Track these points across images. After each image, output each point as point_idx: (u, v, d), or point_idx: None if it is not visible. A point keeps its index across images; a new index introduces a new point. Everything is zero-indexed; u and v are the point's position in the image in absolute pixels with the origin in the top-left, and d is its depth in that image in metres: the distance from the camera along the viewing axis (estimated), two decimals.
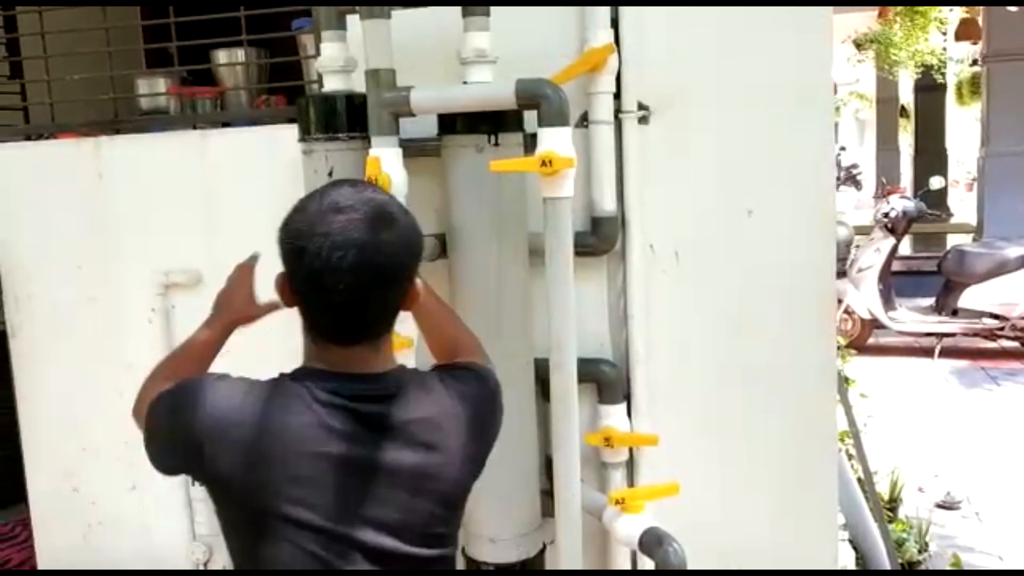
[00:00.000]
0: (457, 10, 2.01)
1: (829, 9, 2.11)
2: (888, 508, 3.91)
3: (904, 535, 3.65)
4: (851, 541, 3.09)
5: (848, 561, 2.89)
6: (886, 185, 9.55)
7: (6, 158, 2.88)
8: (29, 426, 2.92)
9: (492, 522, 2.12)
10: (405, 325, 1.58)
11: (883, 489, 3.98)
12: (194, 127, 2.71)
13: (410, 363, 1.71)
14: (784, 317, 2.18)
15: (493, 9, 2.01)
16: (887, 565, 3.07)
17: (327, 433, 1.31)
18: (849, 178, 15.54)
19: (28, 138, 2.93)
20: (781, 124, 2.14)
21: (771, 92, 2.13)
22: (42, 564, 3.01)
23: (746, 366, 2.21)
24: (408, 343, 1.92)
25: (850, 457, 3.70)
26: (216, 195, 2.58)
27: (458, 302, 2.10)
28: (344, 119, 2.06)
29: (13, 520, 3.65)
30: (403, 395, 1.38)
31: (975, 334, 6.75)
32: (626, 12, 2.14)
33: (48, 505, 2.93)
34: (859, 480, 3.46)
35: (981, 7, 9.72)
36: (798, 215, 2.15)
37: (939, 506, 4.30)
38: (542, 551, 2.17)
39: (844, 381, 3.83)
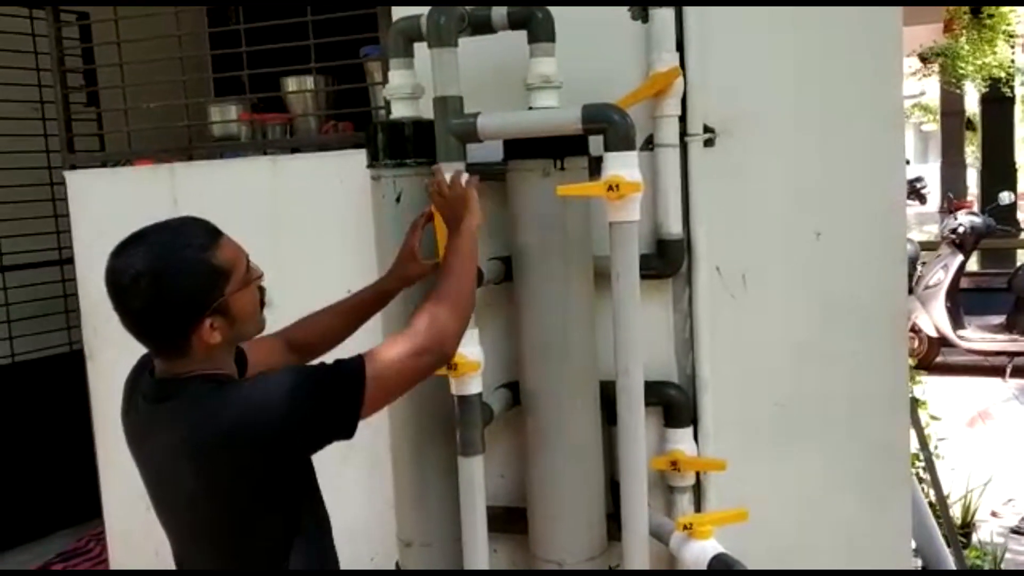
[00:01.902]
0: (523, 36, 2.04)
1: (899, 29, 2.09)
2: (961, 534, 3.80)
3: (978, 562, 3.55)
4: (923, 569, 3.00)
5: None
6: (953, 200, 9.33)
7: (84, 184, 2.98)
8: (104, 445, 3.00)
9: (558, 546, 2.11)
10: None
11: (956, 514, 3.87)
12: (264, 153, 2.77)
13: None
14: (855, 340, 2.15)
15: (558, 34, 2.02)
16: None
17: None
18: (913, 192, 15.25)
19: (104, 165, 3.02)
20: (850, 145, 2.12)
21: (840, 113, 2.11)
22: None
23: (815, 390, 2.18)
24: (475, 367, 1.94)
25: (920, 480, 3.62)
26: (285, 219, 2.64)
27: (523, 324, 2.12)
28: (412, 145, 2.09)
29: (88, 535, 3.76)
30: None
31: None
32: (691, 35, 2.13)
33: (122, 522, 3.01)
34: (931, 504, 3.37)
35: None
36: (868, 236, 2.12)
37: (1014, 531, 4.17)
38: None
39: (915, 403, 3.75)
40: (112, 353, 2.88)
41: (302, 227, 2.62)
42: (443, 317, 1.57)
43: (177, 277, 1.41)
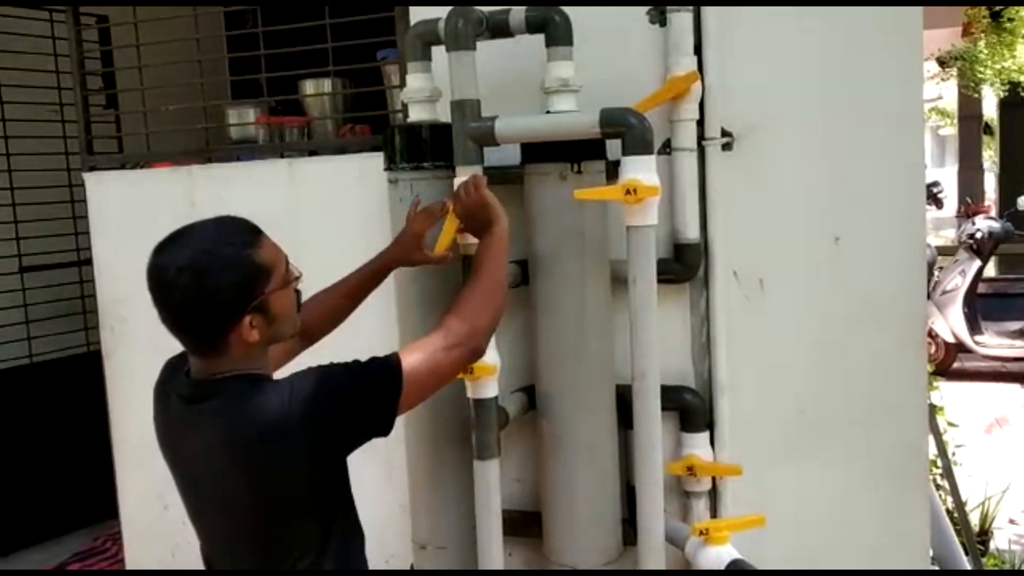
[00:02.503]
0: (540, 39, 2.04)
1: (919, 31, 2.08)
2: (979, 541, 3.77)
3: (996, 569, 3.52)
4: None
5: None
6: (971, 204, 9.27)
7: (103, 186, 3.00)
8: (121, 445, 3.01)
9: (573, 550, 2.11)
10: None
11: (973, 521, 3.84)
12: (281, 156, 2.78)
13: None
14: (873, 345, 2.14)
15: (576, 38, 2.02)
16: None
17: None
18: (930, 196, 15.10)
19: (123, 167, 3.04)
20: (869, 148, 2.11)
21: (859, 116, 2.10)
22: None
23: (833, 395, 2.17)
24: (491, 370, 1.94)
25: (937, 487, 3.59)
26: (302, 222, 2.64)
27: (540, 328, 2.11)
28: (429, 148, 2.10)
29: (104, 535, 3.79)
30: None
31: None
32: (709, 39, 2.13)
33: (139, 522, 3.02)
34: (948, 512, 3.35)
35: None
36: (887, 241, 2.11)
37: None
38: None
39: (932, 409, 3.72)
40: (129, 353, 2.90)
41: (319, 230, 2.62)
42: (474, 313, 1.59)
43: (220, 274, 1.41)
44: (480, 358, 1.63)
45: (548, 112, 2.04)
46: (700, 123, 2.16)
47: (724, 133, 2.16)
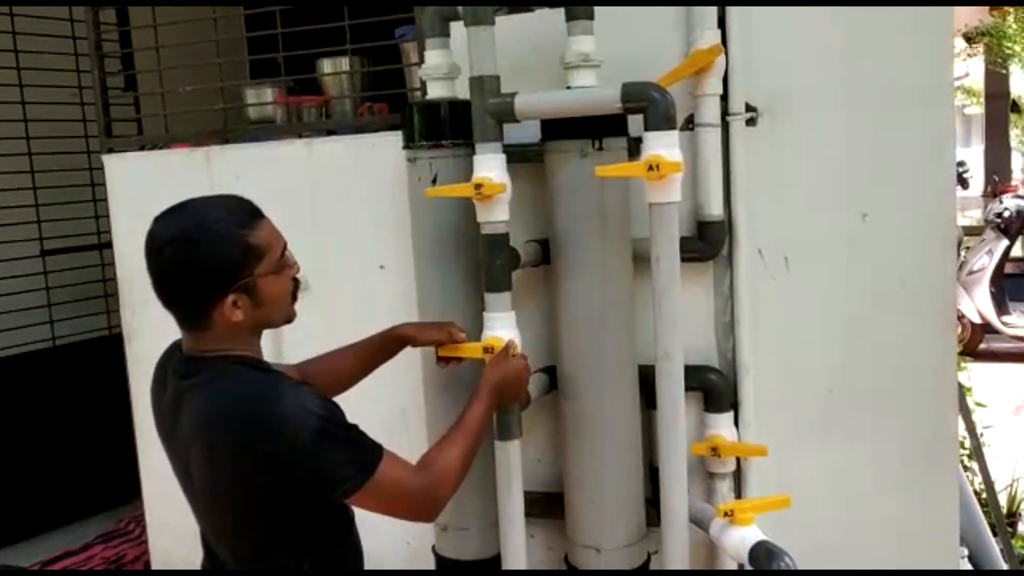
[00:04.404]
0: (560, 14, 2.00)
1: (950, 7, 2.02)
2: (1007, 523, 3.72)
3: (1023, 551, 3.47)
4: (969, 558, 2.94)
5: None
6: (998, 183, 9.13)
7: (122, 168, 2.99)
8: (143, 427, 3.02)
9: (596, 531, 2.09)
10: None
11: (1001, 502, 3.79)
12: (299, 136, 2.76)
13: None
14: (901, 324, 2.10)
15: (597, 11, 1.98)
16: None
17: None
18: (955, 176, 14.93)
19: (142, 148, 3.03)
20: (897, 124, 2.06)
21: (887, 92, 2.05)
22: (155, 560, 3.12)
23: (860, 375, 2.13)
24: None
25: (964, 468, 3.54)
26: (321, 202, 2.63)
27: (561, 308, 2.09)
28: (448, 126, 2.07)
29: (127, 517, 3.81)
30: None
31: None
32: (733, 12, 2.08)
33: (161, 504, 3.03)
34: (975, 493, 3.30)
35: None
36: (916, 218, 2.07)
37: None
38: (647, 562, 2.14)
39: (961, 389, 3.67)
40: (150, 336, 2.90)
41: (338, 210, 2.61)
42: (455, 485, 1.59)
43: (207, 248, 1.43)
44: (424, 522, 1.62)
45: (569, 88, 2.00)
46: (724, 98, 2.11)
47: (748, 108, 2.12)
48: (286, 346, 2.34)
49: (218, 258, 1.43)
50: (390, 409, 2.47)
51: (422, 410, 2.19)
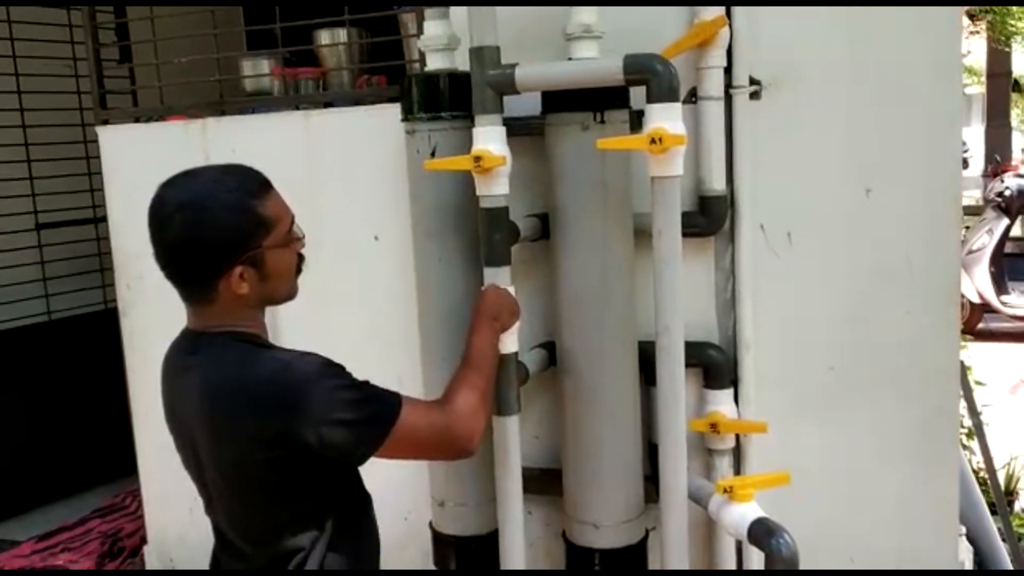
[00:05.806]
0: None
1: None
2: (1005, 501, 3.72)
3: (1022, 530, 3.48)
4: (968, 536, 2.94)
5: (966, 559, 2.75)
6: (999, 163, 9.10)
7: (117, 141, 2.96)
8: (138, 402, 3.01)
9: (595, 507, 2.08)
10: None
11: (999, 481, 3.79)
12: (297, 107, 2.72)
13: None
14: (904, 300, 2.08)
15: None
16: (1007, 564, 2.92)
17: None
18: None
19: (137, 120, 3.00)
20: (904, 99, 2.03)
21: (893, 66, 2.02)
22: (151, 535, 3.11)
23: (862, 353, 2.12)
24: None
25: (964, 447, 3.54)
26: (318, 174, 2.59)
27: (561, 283, 2.07)
28: (447, 98, 2.04)
29: (124, 491, 3.80)
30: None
31: None
32: None
33: (157, 480, 3.03)
34: (974, 471, 3.30)
35: None
36: (921, 193, 2.04)
37: None
38: (645, 537, 2.13)
39: (963, 367, 3.66)
40: (146, 310, 2.88)
41: (335, 182, 2.58)
42: (482, 417, 1.57)
43: (217, 217, 1.38)
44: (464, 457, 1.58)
45: (570, 59, 1.97)
46: (727, 71, 2.08)
47: (752, 81, 2.09)
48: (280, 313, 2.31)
49: (228, 227, 1.39)
50: (386, 380, 2.44)
51: (419, 379, 2.17)
